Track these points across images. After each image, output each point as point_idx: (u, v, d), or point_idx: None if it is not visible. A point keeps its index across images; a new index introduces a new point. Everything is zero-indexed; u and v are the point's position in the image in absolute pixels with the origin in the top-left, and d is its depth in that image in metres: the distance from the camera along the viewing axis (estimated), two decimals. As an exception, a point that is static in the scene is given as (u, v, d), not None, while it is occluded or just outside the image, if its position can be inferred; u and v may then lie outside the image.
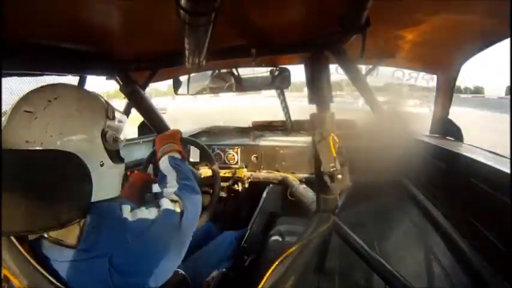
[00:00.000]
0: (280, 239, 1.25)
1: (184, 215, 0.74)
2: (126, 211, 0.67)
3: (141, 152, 1.65)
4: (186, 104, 15.69)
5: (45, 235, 0.60)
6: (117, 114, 0.75)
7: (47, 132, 0.60)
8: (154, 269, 0.67)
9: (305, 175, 1.68)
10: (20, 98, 0.65)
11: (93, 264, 0.61)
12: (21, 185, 0.56)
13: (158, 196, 0.82)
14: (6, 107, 0.65)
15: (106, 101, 0.73)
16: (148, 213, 0.69)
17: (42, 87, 0.68)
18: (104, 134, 0.69)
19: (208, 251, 1.23)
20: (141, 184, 1.15)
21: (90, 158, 0.64)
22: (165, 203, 0.74)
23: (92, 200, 0.63)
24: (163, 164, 0.90)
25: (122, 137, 0.76)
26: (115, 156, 0.73)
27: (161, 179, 0.87)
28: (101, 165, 0.68)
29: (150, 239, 0.67)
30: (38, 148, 0.60)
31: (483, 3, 0.77)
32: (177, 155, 0.95)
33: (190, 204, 0.77)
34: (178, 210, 0.74)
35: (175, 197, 0.77)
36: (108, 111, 0.71)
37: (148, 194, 1.17)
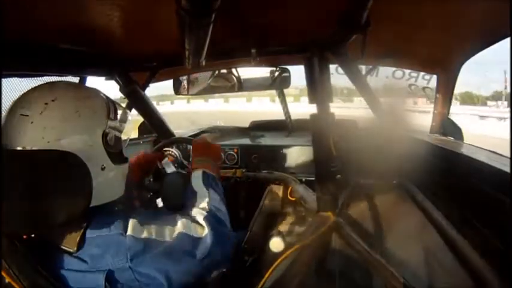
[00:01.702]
0: (280, 240, 1.25)
1: (205, 242, 0.67)
2: (132, 227, 0.62)
3: None
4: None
5: (46, 238, 0.60)
6: (120, 112, 0.72)
7: (43, 138, 0.58)
8: None
9: (305, 175, 1.68)
10: (17, 98, 0.62)
11: (89, 277, 0.59)
12: (19, 184, 0.55)
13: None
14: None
15: (108, 99, 0.70)
16: (158, 232, 0.64)
17: (40, 86, 0.65)
18: (105, 136, 0.66)
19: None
20: (149, 161, 1.12)
21: (90, 162, 0.61)
22: (184, 225, 0.67)
23: (95, 204, 0.61)
24: (196, 179, 0.82)
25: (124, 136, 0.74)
26: (117, 157, 0.70)
27: (190, 194, 0.79)
28: (102, 169, 0.65)
29: (153, 261, 0.62)
30: None
31: (483, 3, 0.77)
32: (213, 174, 0.86)
33: (217, 238, 0.69)
34: (198, 235, 0.67)
35: (202, 222, 0.70)
36: (110, 111, 0.68)
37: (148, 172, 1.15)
